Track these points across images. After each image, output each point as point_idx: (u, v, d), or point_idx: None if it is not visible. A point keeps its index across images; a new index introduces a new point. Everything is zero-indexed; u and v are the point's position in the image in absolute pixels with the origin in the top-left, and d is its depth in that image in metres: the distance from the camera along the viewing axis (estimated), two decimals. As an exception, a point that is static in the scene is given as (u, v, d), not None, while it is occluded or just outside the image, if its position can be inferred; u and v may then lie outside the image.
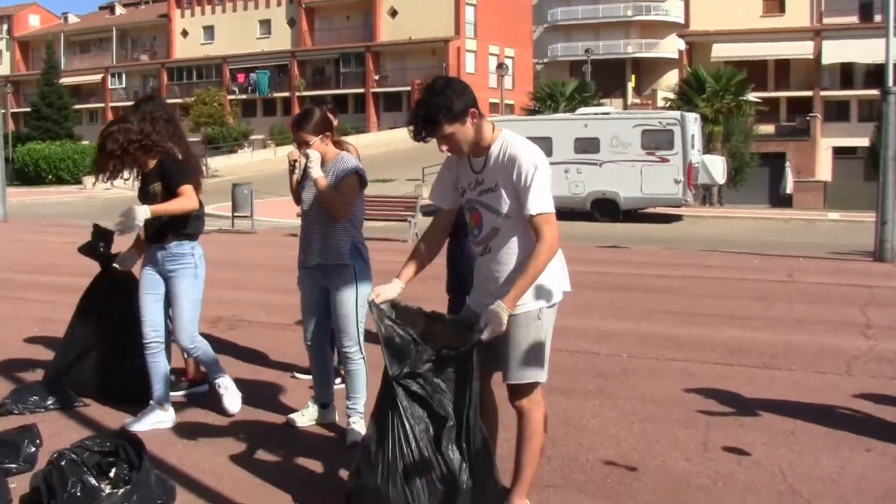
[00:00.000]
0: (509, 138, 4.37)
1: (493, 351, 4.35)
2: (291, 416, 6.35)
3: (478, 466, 4.24)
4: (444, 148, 4.34)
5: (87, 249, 6.82)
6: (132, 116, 6.15)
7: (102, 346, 6.84)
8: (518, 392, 4.46)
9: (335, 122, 7.29)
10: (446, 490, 4.18)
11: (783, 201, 45.40)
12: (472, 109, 4.25)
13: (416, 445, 4.18)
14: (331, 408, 6.36)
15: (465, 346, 4.17)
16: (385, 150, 52.89)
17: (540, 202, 4.24)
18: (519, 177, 4.25)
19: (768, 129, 50.68)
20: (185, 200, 5.92)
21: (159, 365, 6.24)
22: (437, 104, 4.18)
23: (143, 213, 5.82)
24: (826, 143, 52.15)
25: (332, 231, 5.90)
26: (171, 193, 5.96)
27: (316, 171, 5.77)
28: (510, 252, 4.36)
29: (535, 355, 4.38)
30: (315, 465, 5.53)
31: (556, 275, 4.44)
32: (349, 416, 6.06)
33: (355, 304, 5.93)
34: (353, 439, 5.89)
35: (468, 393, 4.20)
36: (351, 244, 5.93)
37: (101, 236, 6.84)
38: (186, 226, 6.09)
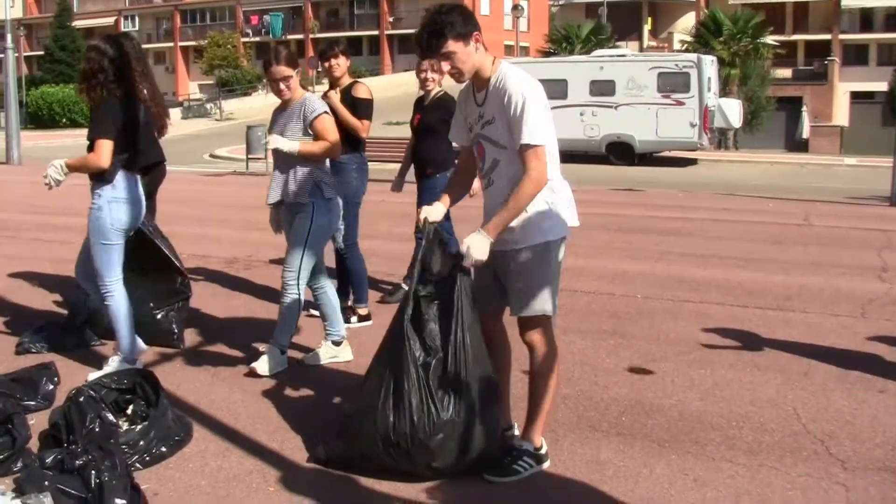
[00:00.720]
0: (505, 70, 4.41)
1: (501, 286, 4.46)
2: (306, 356, 6.41)
3: (467, 402, 4.28)
4: (447, 67, 4.38)
5: None
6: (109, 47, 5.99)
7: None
8: (527, 326, 4.50)
9: (348, 63, 7.31)
10: (430, 421, 4.24)
11: (799, 146, 45.10)
12: (476, 33, 4.34)
13: (411, 375, 4.26)
14: (344, 344, 6.41)
15: (448, 273, 4.32)
16: (399, 92, 52.58)
17: (526, 133, 4.24)
18: (509, 107, 4.29)
19: (785, 72, 50.22)
20: (90, 158, 5.86)
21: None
22: (444, 21, 4.27)
23: (55, 170, 5.94)
24: (844, 88, 51.67)
25: (296, 172, 6.03)
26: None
27: (289, 145, 5.89)
28: (510, 184, 4.36)
29: (541, 288, 4.41)
30: (330, 403, 5.56)
31: (562, 209, 4.46)
32: (269, 346, 6.17)
33: (305, 239, 6.04)
34: (261, 371, 6.01)
35: (454, 326, 4.27)
36: (312, 183, 6.04)
37: None
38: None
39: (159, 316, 6.73)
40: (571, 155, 26.95)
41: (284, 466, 4.66)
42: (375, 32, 69.17)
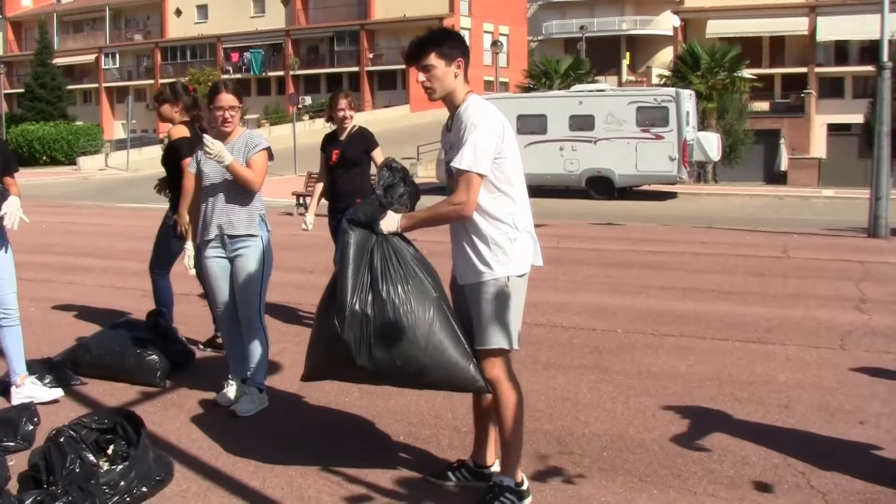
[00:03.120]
0: (471, 101, 4.52)
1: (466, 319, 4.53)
2: (217, 396, 6.37)
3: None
4: (423, 78, 4.53)
5: None
6: None
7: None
8: (486, 359, 4.52)
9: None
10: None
11: (778, 178, 45.34)
12: (460, 59, 4.50)
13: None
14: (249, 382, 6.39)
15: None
16: (380, 128, 52.54)
17: (462, 158, 4.33)
18: (459, 134, 4.40)
19: (763, 105, 50.53)
20: None
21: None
22: (433, 36, 4.51)
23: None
24: (821, 120, 52.03)
25: (238, 203, 6.01)
26: None
27: (228, 158, 5.84)
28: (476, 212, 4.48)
29: (499, 322, 4.46)
30: (312, 442, 5.55)
31: (526, 248, 4.53)
32: (247, 387, 6.17)
33: (261, 273, 6.06)
34: (242, 411, 6.02)
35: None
36: (258, 215, 6.07)
37: None
38: None
39: (141, 356, 6.74)
40: (551, 190, 27.09)
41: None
42: (356, 69, 69.37)
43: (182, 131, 7.37)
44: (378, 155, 7.85)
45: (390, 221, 4.48)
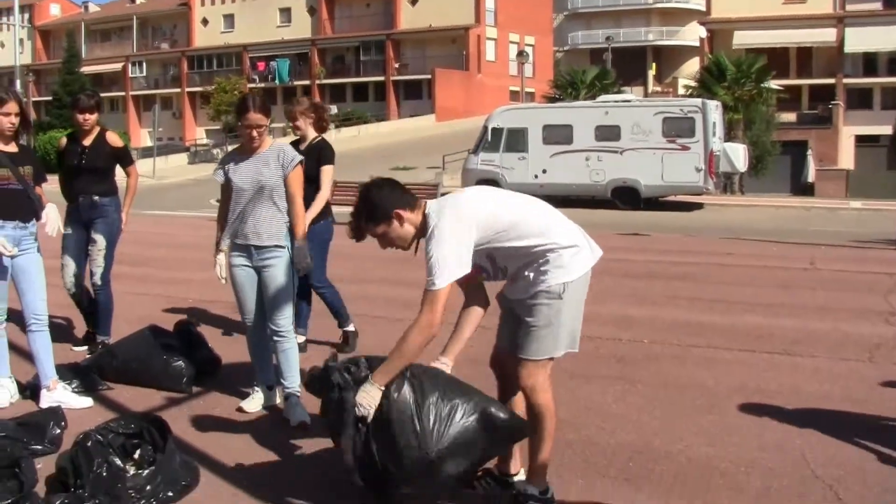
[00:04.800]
0: (430, 213, 4.40)
1: (513, 329, 4.48)
2: (243, 403, 6.41)
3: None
4: (387, 247, 4.52)
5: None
6: None
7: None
8: (528, 367, 4.51)
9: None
10: None
11: (805, 190, 45.16)
12: (397, 211, 4.37)
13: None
14: (275, 389, 6.44)
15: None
16: (405, 138, 52.98)
17: (427, 276, 4.24)
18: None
19: (790, 117, 50.32)
20: None
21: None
22: (359, 212, 4.40)
23: None
24: (848, 132, 51.74)
25: (268, 214, 6.04)
26: None
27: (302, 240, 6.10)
28: (523, 268, 4.48)
29: (552, 332, 4.43)
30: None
31: (579, 253, 4.49)
32: (287, 399, 6.19)
33: (291, 283, 6.10)
34: (299, 419, 6.02)
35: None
36: (285, 226, 6.09)
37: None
38: None
39: (168, 362, 6.79)
40: (577, 200, 27.06)
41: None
42: (381, 78, 69.62)
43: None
44: (327, 172, 7.74)
45: (370, 396, 4.24)
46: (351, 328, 8.11)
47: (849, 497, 4.85)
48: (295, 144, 7.77)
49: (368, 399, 4.23)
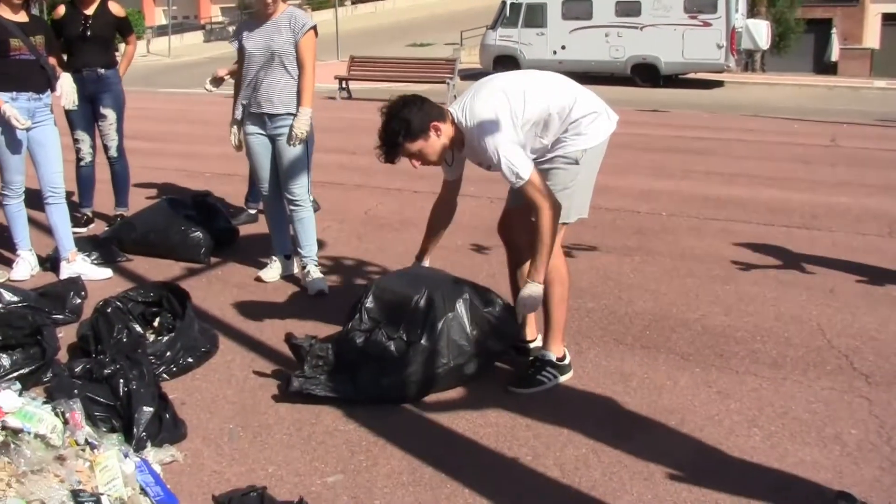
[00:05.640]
0: (465, 123, 4.31)
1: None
2: (261, 272, 6.43)
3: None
4: (417, 165, 4.40)
5: None
6: None
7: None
8: None
9: None
10: None
11: (828, 69, 44.36)
12: (434, 123, 4.26)
13: None
14: (293, 259, 6.48)
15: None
16: (423, 13, 52.11)
17: (508, 177, 4.20)
18: (487, 159, 4.27)
19: (815, -7, 49.22)
20: None
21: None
22: (394, 129, 4.24)
23: None
24: (875, 9, 50.54)
25: (281, 81, 5.95)
26: None
27: (305, 125, 5.94)
28: None
29: (563, 198, 4.37)
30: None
31: (598, 120, 4.43)
32: (304, 267, 6.22)
33: (306, 150, 6.05)
34: (317, 288, 6.07)
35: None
36: (296, 92, 5.99)
37: None
38: None
39: (186, 232, 6.82)
40: (596, 76, 26.69)
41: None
42: (399, -48, 68.26)
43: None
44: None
45: (536, 295, 4.27)
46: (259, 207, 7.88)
47: (863, 366, 4.87)
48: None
49: (536, 300, 4.27)
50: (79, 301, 5.64)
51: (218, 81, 7.28)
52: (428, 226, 4.84)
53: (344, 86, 22.01)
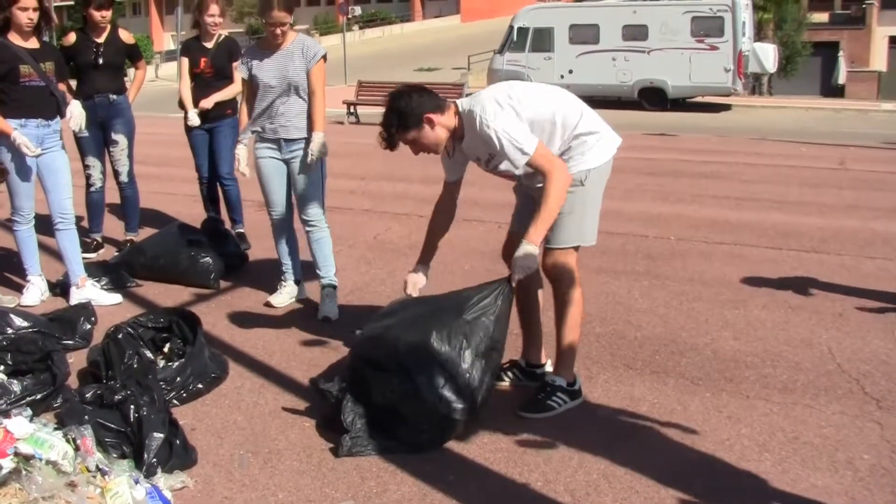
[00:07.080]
0: (465, 114, 4.36)
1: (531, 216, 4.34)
2: (271, 297, 6.44)
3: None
4: (416, 152, 4.48)
5: None
6: None
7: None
8: (554, 256, 4.51)
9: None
10: None
11: (835, 92, 44.41)
12: (427, 115, 4.30)
13: None
14: (302, 283, 6.52)
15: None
16: (430, 39, 52.36)
17: (517, 159, 4.25)
18: (493, 147, 4.28)
19: (822, 17, 49.30)
20: None
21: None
22: (389, 123, 4.34)
23: None
24: (882, 32, 50.66)
25: (298, 109, 6.01)
26: None
27: (321, 147, 5.99)
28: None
29: (575, 220, 4.41)
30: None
31: (603, 140, 4.46)
32: (323, 288, 6.24)
33: (320, 174, 6.10)
34: (324, 314, 6.10)
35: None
36: (305, 117, 6.04)
37: None
38: None
39: (195, 258, 6.83)
40: (603, 101, 26.74)
41: (319, 402, 4.67)
42: (406, -22, 68.61)
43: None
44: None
45: (532, 257, 4.20)
46: (242, 230, 8.20)
47: (874, 390, 4.85)
48: (196, 40, 7.75)
49: (531, 259, 4.21)
50: (89, 326, 5.67)
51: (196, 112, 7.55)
52: (428, 230, 4.86)
53: (352, 111, 22.10)
